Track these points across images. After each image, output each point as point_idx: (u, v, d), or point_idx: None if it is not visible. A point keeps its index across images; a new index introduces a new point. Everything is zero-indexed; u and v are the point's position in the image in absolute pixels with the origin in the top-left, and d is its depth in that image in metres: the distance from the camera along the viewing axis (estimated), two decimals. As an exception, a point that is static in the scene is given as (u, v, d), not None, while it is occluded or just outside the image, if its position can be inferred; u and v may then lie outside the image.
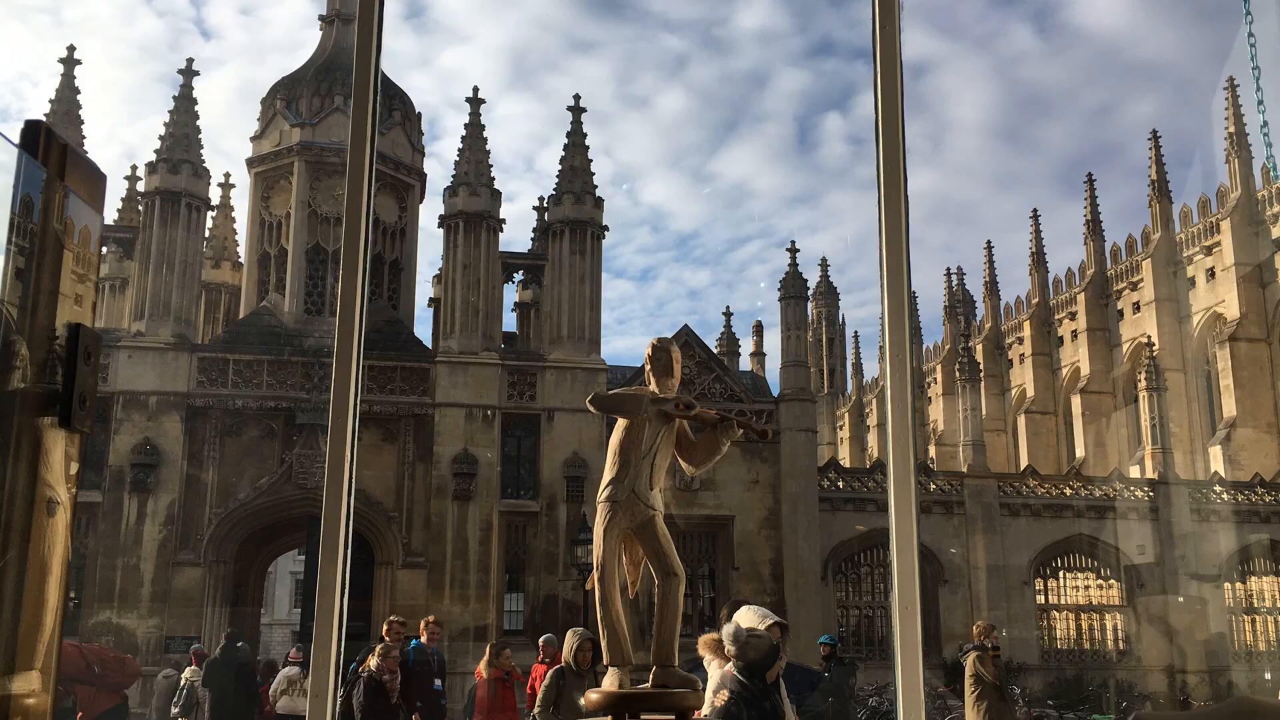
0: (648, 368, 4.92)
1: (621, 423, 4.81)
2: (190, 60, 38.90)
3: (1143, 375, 40.18)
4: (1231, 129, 50.72)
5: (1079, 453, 52.34)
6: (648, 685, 4.42)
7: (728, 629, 5.85)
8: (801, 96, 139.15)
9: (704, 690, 4.37)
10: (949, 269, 72.70)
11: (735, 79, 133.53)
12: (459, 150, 32.81)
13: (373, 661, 11.23)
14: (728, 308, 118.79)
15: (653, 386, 4.90)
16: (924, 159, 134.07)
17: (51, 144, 1.44)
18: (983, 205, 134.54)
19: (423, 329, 36.07)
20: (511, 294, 36.69)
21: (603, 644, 4.66)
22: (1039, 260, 62.24)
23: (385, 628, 12.59)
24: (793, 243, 48.98)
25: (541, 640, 13.64)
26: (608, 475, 4.75)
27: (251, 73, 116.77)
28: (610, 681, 4.42)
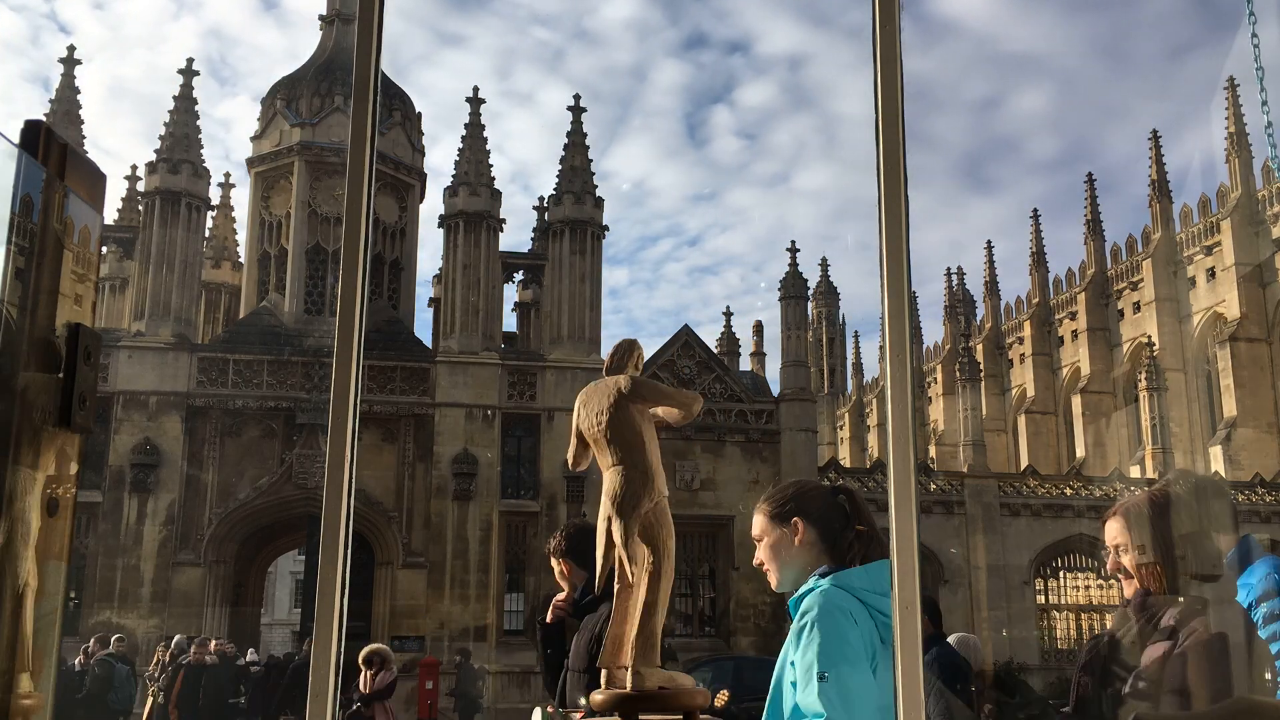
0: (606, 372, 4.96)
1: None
2: (190, 60, 38.91)
3: (1143, 375, 40.21)
4: (1231, 129, 50.73)
5: (1079, 453, 52.36)
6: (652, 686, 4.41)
7: None
8: (685, 90, 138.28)
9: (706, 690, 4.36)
10: (949, 269, 72.75)
11: (616, 73, 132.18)
12: (459, 150, 32.84)
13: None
14: (728, 308, 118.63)
15: None
16: (820, 153, 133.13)
17: (51, 144, 1.44)
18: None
19: (423, 329, 36.11)
20: (511, 294, 36.73)
21: (653, 648, 4.65)
22: (1039, 260, 62.27)
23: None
24: (793, 243, 48.98)
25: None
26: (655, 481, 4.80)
27: (116, 69, 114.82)
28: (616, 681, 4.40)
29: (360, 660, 13.94)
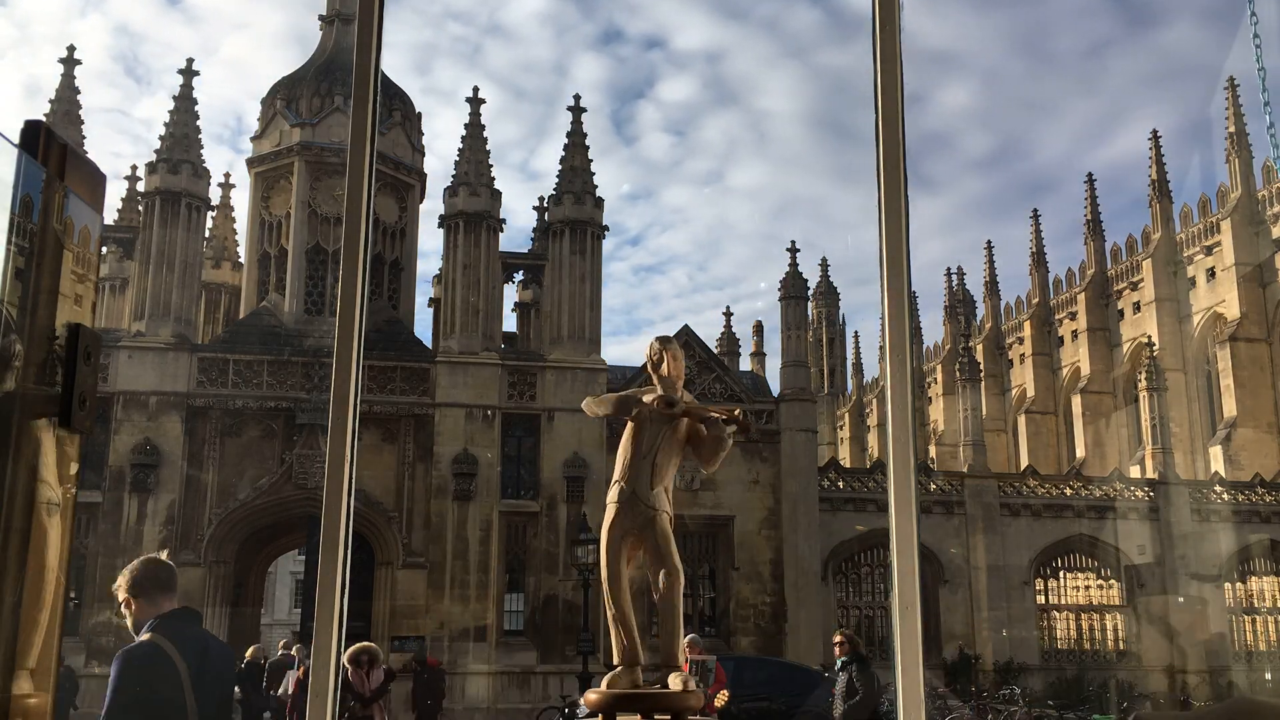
0: (648, 368, 4.95)
1: (627, 425, 4.83)
2: (190, 60, 38.89)
3: (1143, 375, 40.19)
4: (1231, 129, 50.72)
5: (1079, 453, 52.36)
6: (649, 686, 4.41)
7: None
8: (609, 87, 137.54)
9: (701, 690, 4.38)
10: (949, 269, 72.72)
11: (537, 69, 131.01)
12: (459, 150, 32.83)
13: None
14: (728, 308, 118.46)
15: (656, 385, 4.91)
16: (752, 150, 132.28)
17: (51, 144, 1.44)
18: (830, 201, 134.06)
19: (423, 329, 36.11)
20: (511, 294, 36.72)
21: (613, 643, 4.66)
22: (1039, 260, 62.26)
23: None
24: (793, 243, 49.01)
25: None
26: (613, 477, 4.80)
27: (30, 67, 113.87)
28: (625, 680, 4.41)
29: (347, 659, 13.89)
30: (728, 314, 64.28)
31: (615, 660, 4.63)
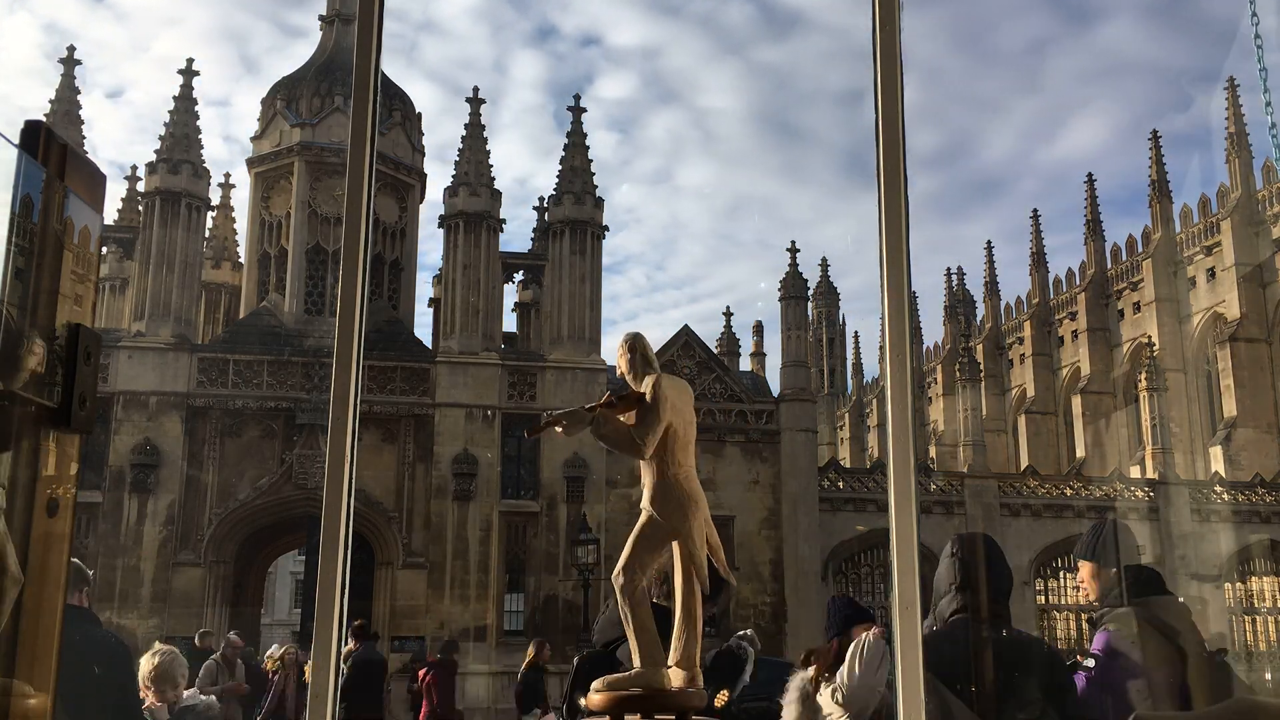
0: None
1: None
2: (190, 60, 38.87)
3: (1143, 375, 40.20)
4: (1231, 129, 50.72)
5: (1079, 453, 52.35)
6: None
7: None
8: (549, 85, 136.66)
9: (706, 690, 4.35)
10: (949, 269, 72.78)
11: (476, 67, 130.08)
12: (459, 150, 32.85)
13: None
14: (728, 308, 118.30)
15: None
16: (699, 149, 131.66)
17: (51, 144, 1.44)
18: (782, 200, 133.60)
19: (423, 329, 36.10)
20: (511, 294, 36.72)
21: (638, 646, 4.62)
22: (1039, 260, 62.25)
23: None
24: (793, 243, 48.99)
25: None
26: None
27: None
28: (678, 679, 4.38)
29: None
30: (728, 314, 64.29)
31: (638, 663, 4.60)
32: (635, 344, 3.68)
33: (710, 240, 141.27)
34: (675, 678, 4.40)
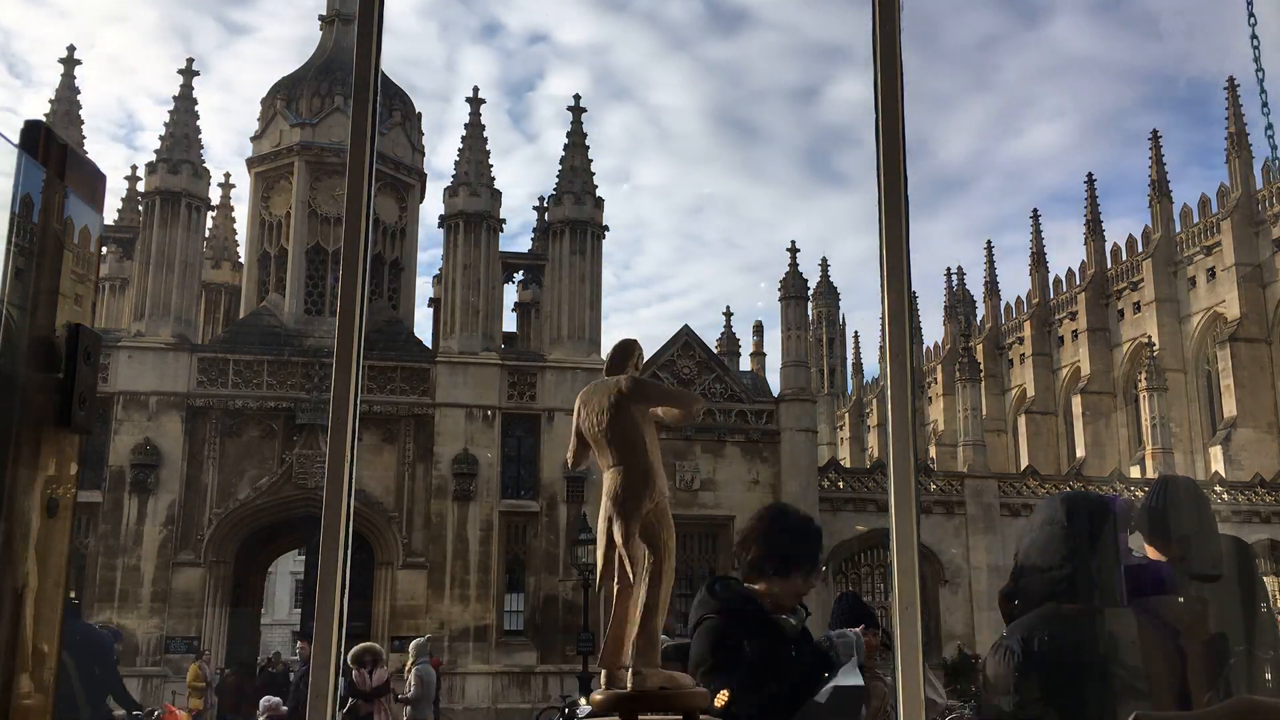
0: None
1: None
2: (190, 60, 38.89)
3: (1143, 375, 40.20)
4: (1232, 129, 50.72)
5: (1079, 453, 52.35)
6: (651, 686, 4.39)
7: None
8: (501, 83, 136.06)
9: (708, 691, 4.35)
10: (949, 269, 72.75)
11: (427, 66, 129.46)
12: (459, 150, 32.85)
13: None
14: (728, 308, 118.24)
15: None
16: (655, 146, 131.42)
17: (51, 144, 1.44)
18: (744, 199, 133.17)
19: (423, 329, 36.11)
20: (511, 294, 36.73)
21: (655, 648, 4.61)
22: (1039, 260, 62.27)
23: None
24: (793, 243, 49.00)
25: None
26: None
27: None
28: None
29: (350, 659, 13.90)
30: (728, 314, 64.28)
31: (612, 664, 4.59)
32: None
33: (674, 239, 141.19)
34: (683, 679, 4.39)
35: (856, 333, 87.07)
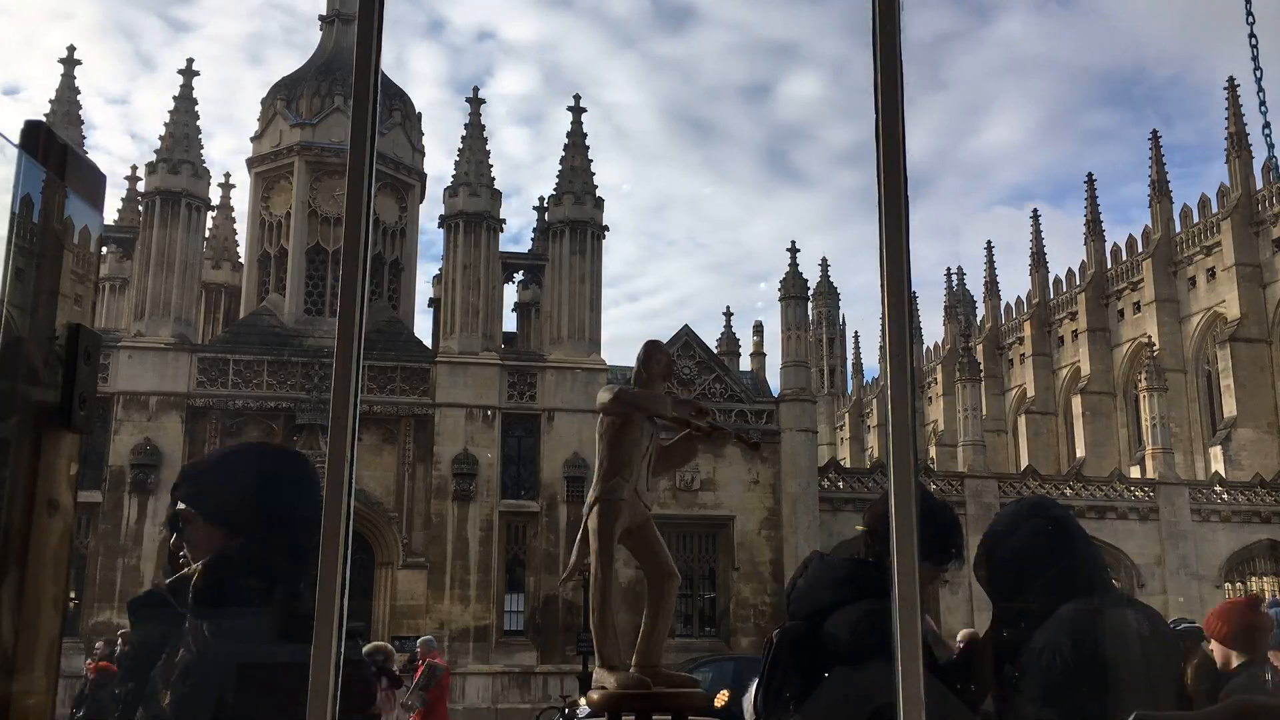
0: (644, 370, 4.93)
1: (618, 421, 4.81)
2: (190, 60, 38.90)
3: (1143, 375, 40.17)
4: (1232, 129, 50.70)
5: (1079, 453, 52.33)
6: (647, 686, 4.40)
7: None
8: (450, 81, 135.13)
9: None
10: (949, 269, 72.82)
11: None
12: (459, 150, 32.85)
13: None
14: (728, 308, 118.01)
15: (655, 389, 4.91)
16: (611, 144, 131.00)
17: (51, 144, 1.44)
18: (705, 198, 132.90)
19: (423, 329, 36.11)
20: (511, 294, 36.73)
21: (599, 646, 4.62)
22: (1039, 260, 62.26)
23: None
24: (793, 243, 49.03)
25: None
26: (606, 472, 4.73)
27: None
28: (610, 682, 4.40)
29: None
30: (728, 314, 64.30)
31: (599, 664, 4.59)
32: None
33: (639, 239, 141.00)
34: (676, 681, 4.41)
35: (857, 332, 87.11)
